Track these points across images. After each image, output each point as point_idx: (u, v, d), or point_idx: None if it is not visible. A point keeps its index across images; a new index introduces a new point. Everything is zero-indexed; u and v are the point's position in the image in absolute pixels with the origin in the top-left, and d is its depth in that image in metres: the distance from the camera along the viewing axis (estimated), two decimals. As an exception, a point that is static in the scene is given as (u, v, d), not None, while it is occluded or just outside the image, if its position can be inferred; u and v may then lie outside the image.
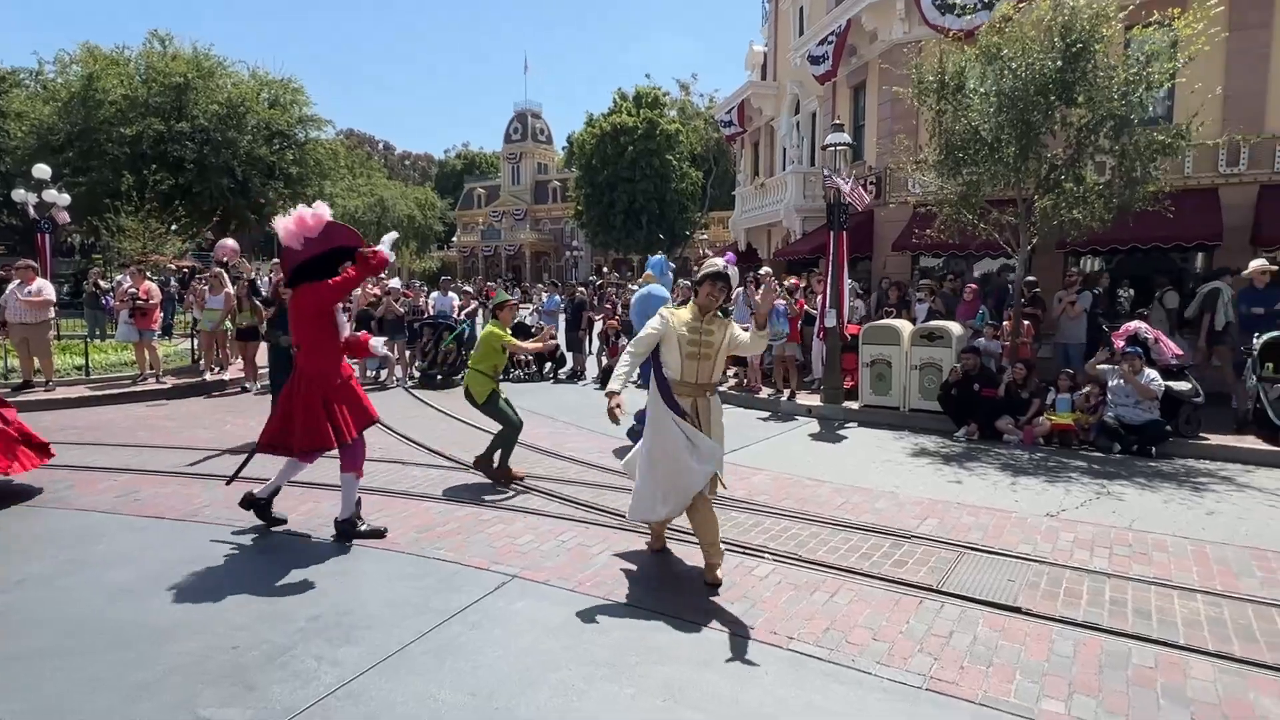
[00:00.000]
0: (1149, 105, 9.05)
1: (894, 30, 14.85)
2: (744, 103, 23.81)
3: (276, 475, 5.31)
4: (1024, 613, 4.00)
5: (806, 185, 18.34)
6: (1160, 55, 8.73)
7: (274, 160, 33.19)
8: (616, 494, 6.17)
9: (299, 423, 4.90)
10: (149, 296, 11.67)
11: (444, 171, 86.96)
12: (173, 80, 30.65)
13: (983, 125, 9.19)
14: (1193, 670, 3.44)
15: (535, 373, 14.06)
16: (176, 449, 7.82)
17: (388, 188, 63.32)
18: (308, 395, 4.91)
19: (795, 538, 5.17)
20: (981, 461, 7.74)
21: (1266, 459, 7.70)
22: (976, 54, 9.38)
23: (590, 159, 42.59)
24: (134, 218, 21.98)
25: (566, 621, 3.90)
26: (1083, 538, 5.28)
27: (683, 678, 3.36)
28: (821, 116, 18.79)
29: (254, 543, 5.05)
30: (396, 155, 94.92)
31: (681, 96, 49.39)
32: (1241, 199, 12.00)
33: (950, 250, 13.09)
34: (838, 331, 10.40)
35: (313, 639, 3.68)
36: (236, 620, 3.89)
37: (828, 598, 4.19)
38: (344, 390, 5.05)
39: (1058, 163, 9.19)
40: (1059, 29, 8.75)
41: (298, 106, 34.77)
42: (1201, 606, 4.13)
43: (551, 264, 62.08)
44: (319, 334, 4.99)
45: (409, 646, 3.60)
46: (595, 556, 4.77)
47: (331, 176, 37.72)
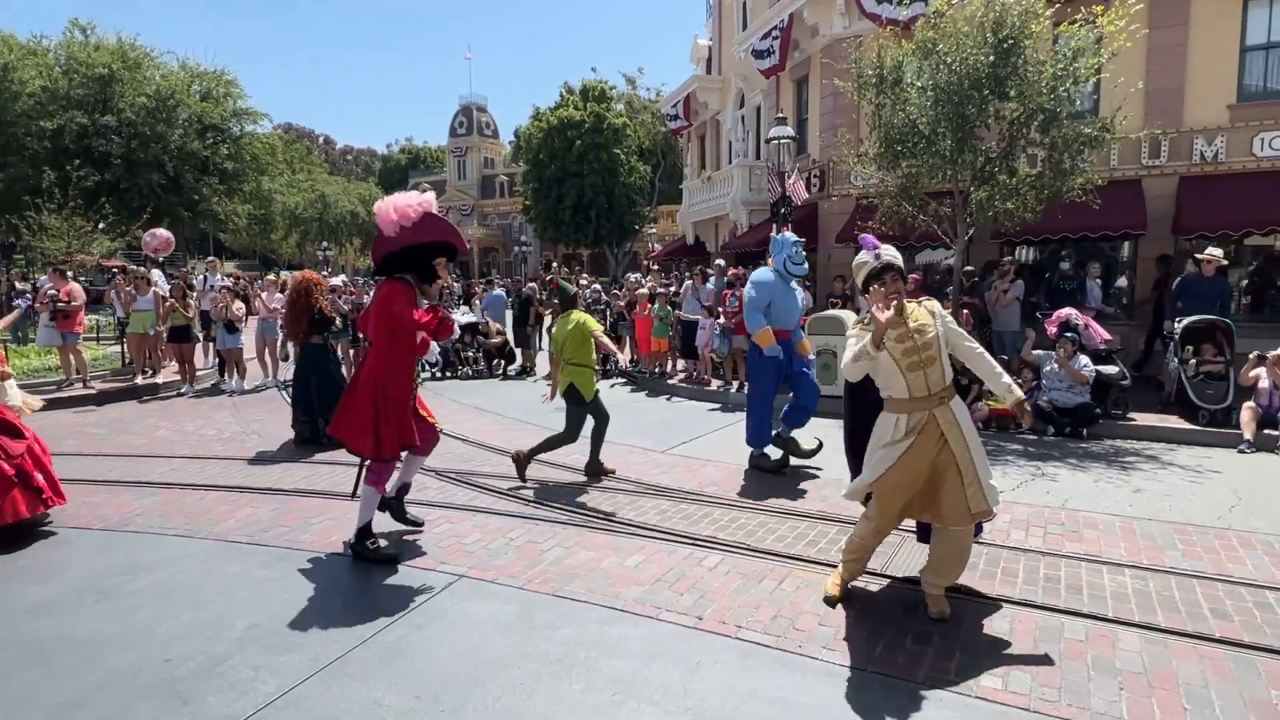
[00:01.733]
0: (1076, 100, 9.39)
1: (835, 25, 15.08)
2: (690, 96, 23.91)
3: (401, 471, 5.07)
4: (964, 593, 4.11)
5: (752, 178, 18.53)
6: (1085, 51, 9.04)
7: (208, 155, 32.11)
8: (568, 490, 6.15)
9: (343, 413, 4.61)
10: (71, 298, 11.15)
11: (388, 166, 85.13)
12: (96, 71, 29.34)
13: (920, 118, 9.39)
14: (1121, 642, 3.59)
15: (484, 370, 13.89)
16: (105, 456, 7.50)
17: (329, 183, 61.74)
18: (362, 392, 4.59)
19: (744, 527, 5.22)
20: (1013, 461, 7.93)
21: (1187, 437, 8.08)
22: (913, 48, 9.58)
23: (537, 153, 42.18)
24: (57, 215, 20.96)
25: (515, 620, 3.86)
26: (1019, 518, 5.46)
27: (633, 671, 3.37)
28: (766, 110, 18.98)
29: (187, 551, 4.86)
30: (338, 150, 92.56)
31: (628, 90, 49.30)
32: (1163, 190, 12.56)
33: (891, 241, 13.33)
34: (784, 323, 10.52)
35: (251, 648, 3.57)
36: (170, 631, 3.75)
37: (775, 585, 4.24)
38: (397, 404, 4.63)
39: (992, 155, 9.45)
40: (991, 25, 8.99)
41: (232, 99, 33.70)
42: (1129, 580, 4.30)
43: (500, 259, 61.35)
44: (391, 343, 4.60)
45: (353, 651, 3.52)
46: (545, 553, 4.74)
47: (269, 172, 36.73)
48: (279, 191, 41.52)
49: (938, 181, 9.86)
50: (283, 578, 4.41)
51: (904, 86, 9.56)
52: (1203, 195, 12.12)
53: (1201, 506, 5.75)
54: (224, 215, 34.88)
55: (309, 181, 58.66)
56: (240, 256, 64.33)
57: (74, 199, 21.50)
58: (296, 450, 7.73)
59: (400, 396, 4.65)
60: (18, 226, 22.19)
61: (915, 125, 9.47)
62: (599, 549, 4.82)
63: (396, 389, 4.63)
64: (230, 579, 4.41)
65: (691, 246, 23.94)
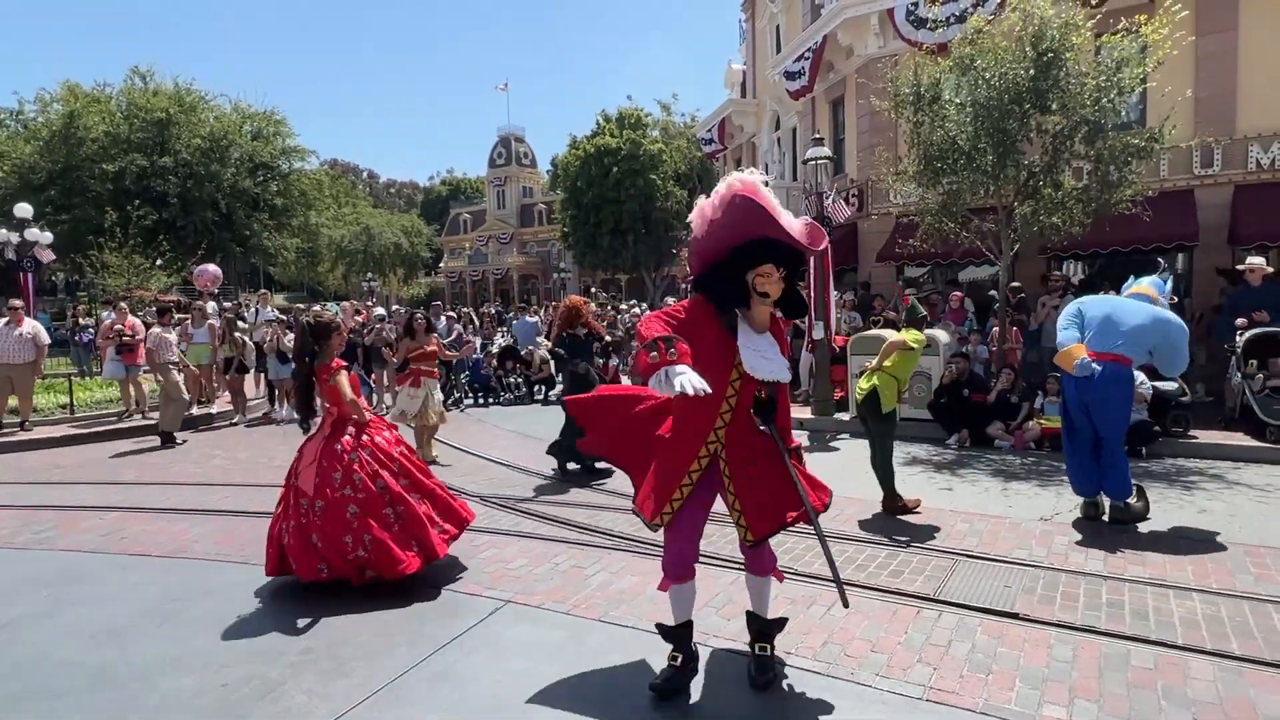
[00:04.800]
0: (1121, 110, 9.21)
1: (869, 45, 15.07)
2: (724, 121, 24.06)
3: None
4: (1021, 618, 3.98)
5: (789, 200, 18.48)
6: (1130, 61, 8.89)
7: (258, 192, 33.27)
8: (612, 515, 6.14)
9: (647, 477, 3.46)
10: (134, 332, 11.60)
11: (429, 198, 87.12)
12: (154, 116, 30.72)
13: (960, 135, 9.31)
14: (1192, 670, 3.43)
15: (525, 394, 14.01)
16: (163, 484, 7.73)
17: (373, 216, 63.43)
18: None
19: (790, 551, 5.14)
20: (973, 468, 7.75)
21: (1254, 455, 7.75)
22: (951, 65, 9.52)
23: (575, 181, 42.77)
24: (118, 254, 21.90)
25: (562, 646, 3.85)
26: (1076, 541, 5.28)
27: (681, 698, 3.32)
28: (802, 132, 18.99)
29: (243, 577, 4.97)
30: (381, 183, 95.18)
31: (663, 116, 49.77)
32: (1217, 199, 12.19)
33: (934, 259, 13.21)
34: (826, 343, 10.44)
35: (304, 673, 3.61)
36: (226, 656, 3.82)
37: (825, 611, 4.16)
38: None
39: (1035, 169, 9.31)
40: (1030, 38, 8.91)
41: (281, 138, 34.94)
42: (1198, 605, 4.12)
43: (539, 286, 62.08)
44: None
45: (402, 677, 3.55)
46: (590, 578, 4.73)
47: (316, 206, 37.84)
48: (325, 225, 42.74)
49: (979, 198, 9.74)
50: (334, 603, 4.47)
51: (942, 103, 9.50)
52: (1260, 203, 11.73)
53: (1274, 527, 5.49)
54: (273, 249, 36.01)
55: (354, 215, 60.34)
56: (288, 289, 66.29)
57: (134, 237, 22.47)
58: (563, 479, 7.43)
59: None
60: (82, 265, 23.22)
61: (955, 141, 9.39)
62: (645, 574, 4.79)
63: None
64: (284, 605, 4.48)
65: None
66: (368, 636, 4.01)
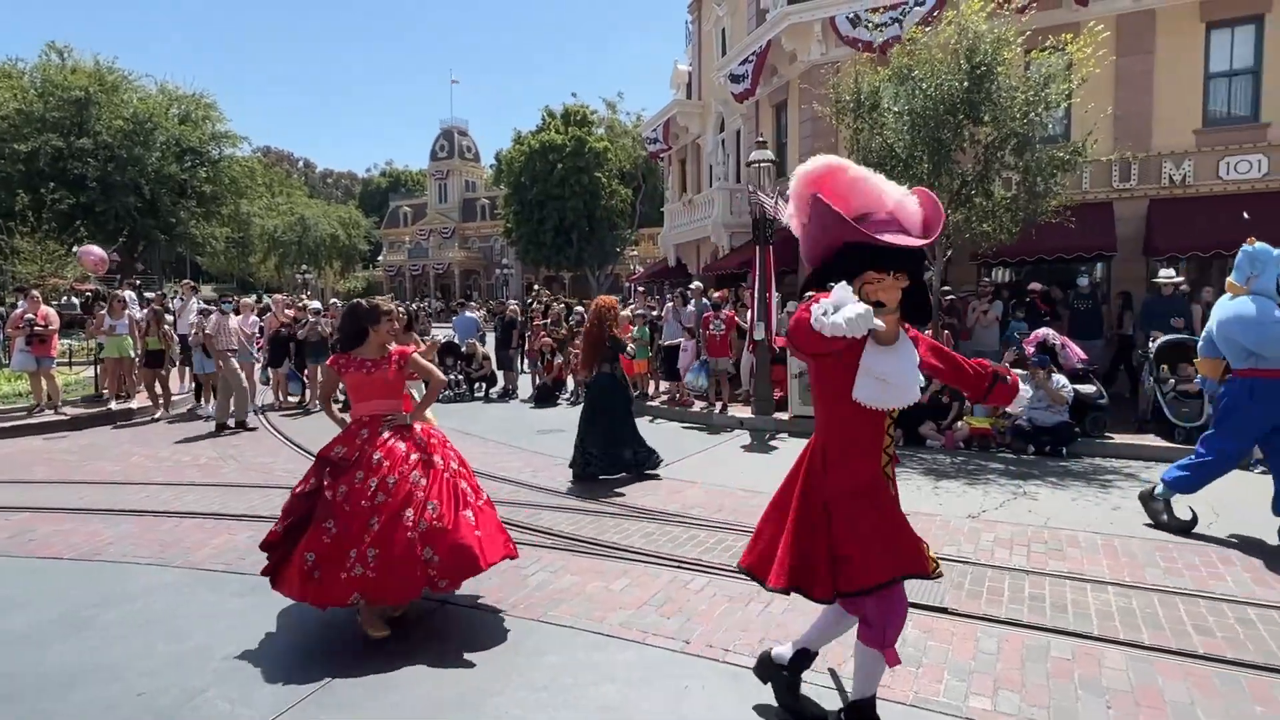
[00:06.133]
0: (1048, 124, 9.62)
1: (812, 51, 15.34)
2: (670, 121, 24.16)
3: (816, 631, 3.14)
4: (950, 613, 4.11)
5: (733, 201, 18.71)
6: (1056, 77, 9.28)
7: (185, 178, 31.89)
8: (553, 514, 6.10)
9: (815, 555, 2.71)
10: (47, 322, 10.96)
11: (368, 190, 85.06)
12: (72, 94, 29.14)
13: (897, 143, 9.56)
14: (1107, 660, 3.60)
15: (465, 392, 13.80)
16: (77, 483, 7.33)
17: (309, 206, 61.56)
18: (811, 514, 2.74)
19: (730, 549, 5.19)
20: (906, 466, 7.97)
21: (1164, 455, 8.17)
22: (889, 74, 9.77)
23: (519, 176, 42.43)
24: (30, 239, 20.66)
25: (503, 646, 3.80)
26: (1002, 537, 5.48)
27: (620, 697, 3.32)
28: (746, 134, 19.22)
29: (163, 581, 4.75)
30: (318, 173, 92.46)
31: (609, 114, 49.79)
32: (1133, 212, 12.83)
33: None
34: (767, 344, 10.59)
35: (228, 679, 3.47)
36: (144, 664, 3.65)
37: (762, 608, 4.21)
38: (866, 512, 2.70)
39: (968, 178, 9.62)
40: (964, 52, 9.20)
41: (210, 122, 33.57)
42: (1112, 598, 4.33)
43: (481, 282, 61.29)
44: (836, 406, 2.69)
45: (333, 682, 3.44)
46: (530, 578, 4.68)
47: (248, 195, 36.47)
48: (257, 215, 41.23)
49: (915, 204, 10.01)
50: (260, 607, 4.30)
51: (881, 111, 9.73)
52: (1172, 217, 12.40)
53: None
54: (201, 238, 34.58)
55: (288, 205, 58.42)
56: (218, 280, 63.78)
57: (47, 222, 21.23)
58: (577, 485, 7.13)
59: (874, 499, 2.75)
60: (-11, 250, 21.83)
61: (893, 149, 9.63)
62: (584, 573, 4.77)
63: (859, 490, 2.72)
64: (207, 609, 4.30)
65: (673, 268, 24.06)
66: (296, 640, 3.89)
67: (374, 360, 4.13)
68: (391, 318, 4.28)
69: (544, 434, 10.03)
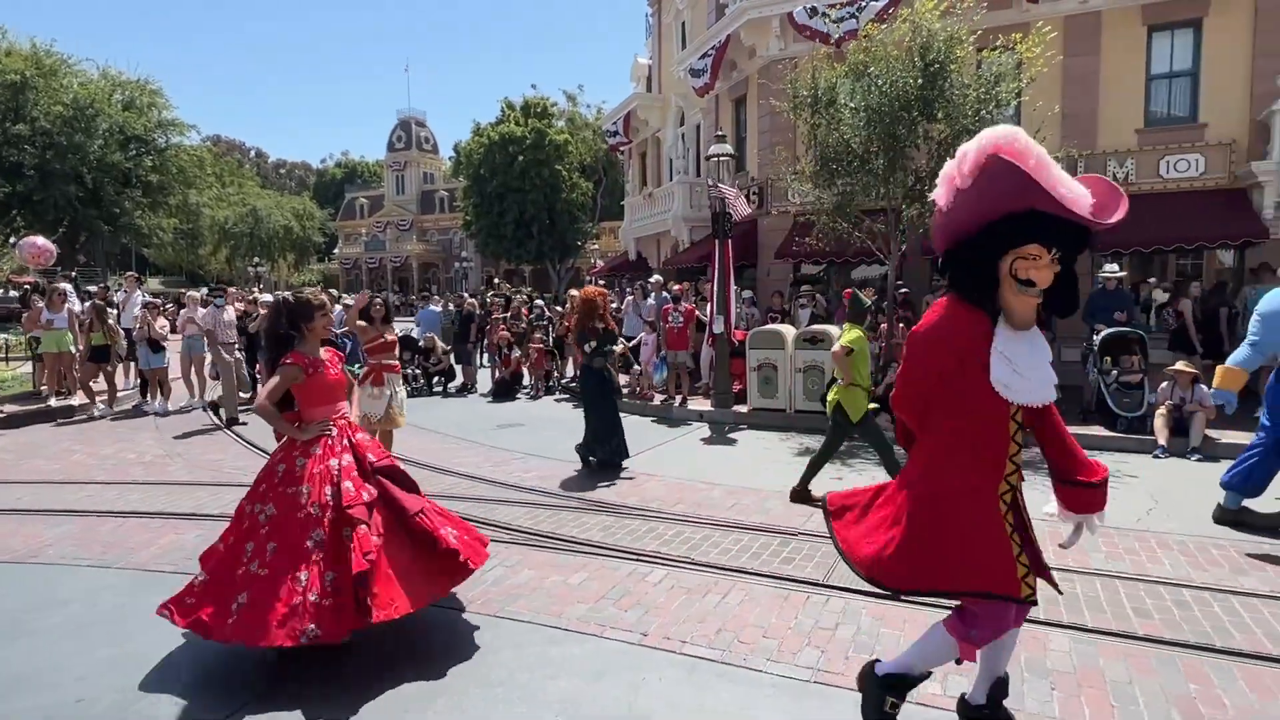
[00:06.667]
0: (999, 122, 9.80)
1: (771, 47, 15.44)
2: (630, 114, 24.10)
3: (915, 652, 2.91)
4: (903, 600, 4.18)
5: (693, 195, 18.75)
6: (1006, 76, 9.48)
7: (130, 167, 30.78)
8: (510, 508, 6.05)
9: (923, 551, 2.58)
10: (-21, 316, 10.50)
11: (323, 181, 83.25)
12: (7, 78, 27.86)
13: (854, 138, 9.67)
14: (1051, 642, 3.71)
15: (423, 387, 13.61)
16: (14, 484, 7.04)
17: (261, 197, 60.00)
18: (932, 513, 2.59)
19: (688, 541, 5.22)
20: (862, 458, 8.10)
21: (1106, 444, 8.46)
22: (846, 70, 9.88)
23: (479, 169, 41.90)
24: (-39, 229, 19.78)
25: (457, 643, 3.76)
26: (954, 525, 5.60)
27: (576, 691, 3.31)
28: (705, 128, 19.27)
29: (104, 583, 4.59)
30: (270, 163, 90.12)
31: (569, 107, 49.47)
32: (1080, 209, 13.19)
33: (828, 258, 13.70)
34: (726, 337, 10.65)
35: (170, 684, 3.38)
36: (85, 669, 3.53)
37: (720, 599, 4.24)
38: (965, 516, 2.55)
39: (922, 174, 9.78)
40: (918, 49, 9.35)
41: (157, 110, 32.39)
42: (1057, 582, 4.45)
43: (440, 275, 60.48)
44: (947, 419, 2.58)
45: (280, 685, 3.37)
46: (486, 573, 4.63)
47: (197, 185, 35.31)
48: (207, 205, 40.00)
49: (871, 199, 10.16)
50: (208, 607, 4.20)
51: (838, 107, 9.83)
52: (1116, 214, 12.78)
53: (1121, 510, 6.00)
54: (148, 230, 33.42)
55: (239, 195, 56.86)
56: (166, 272, 61.85)
57: (-19, 211, 20.34)
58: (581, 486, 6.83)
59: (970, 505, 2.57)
60: (-82, 240, 20.86)
61: (849, 145, 9.74)
62: (541, 567, 4.75)
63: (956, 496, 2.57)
64: (150, 611, 4.16)
65: (634, 262, 24.06)
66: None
67: (316, 360, 3.83)
68: (326, 312, 3.91)
69: (503, 429, 9.95)
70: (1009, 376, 2.43)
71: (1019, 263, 2.40)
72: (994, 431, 2.53)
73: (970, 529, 2.53)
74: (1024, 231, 2.36)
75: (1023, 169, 2.29)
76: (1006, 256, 2.41)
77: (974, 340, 2.47)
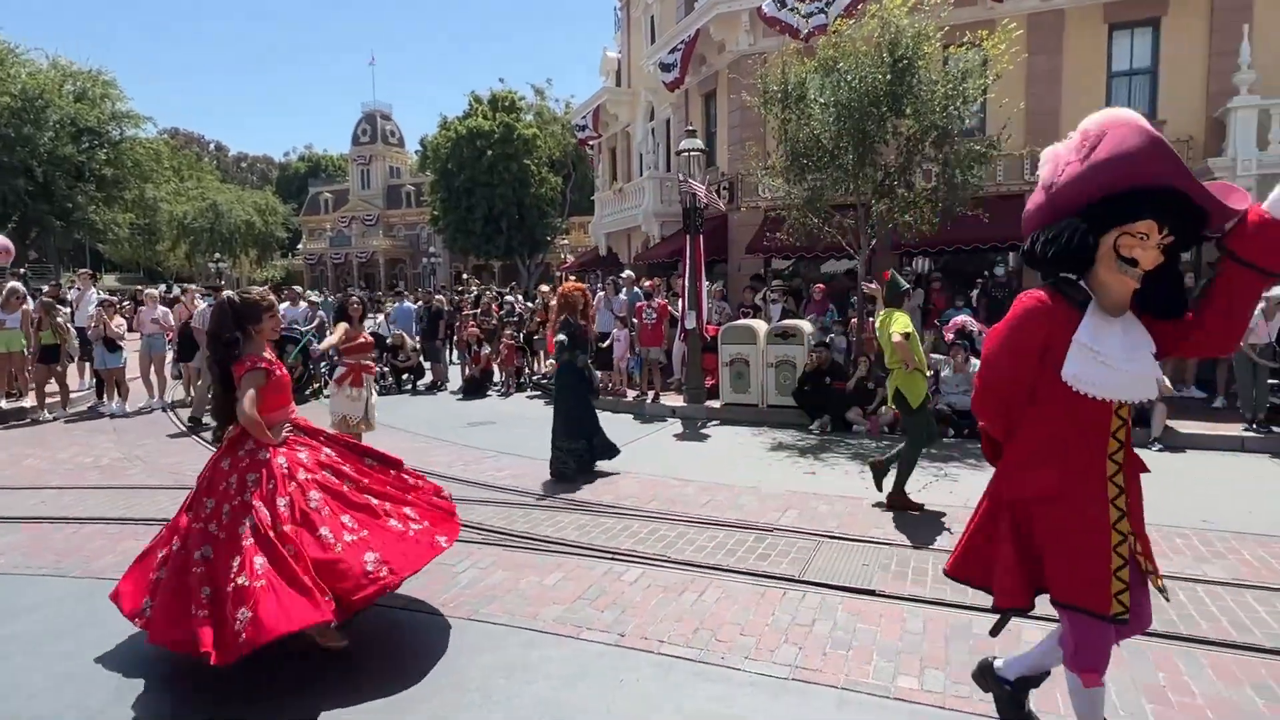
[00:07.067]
0: (966, 118, 9.93)
1: (740, 41, 15.45)
2: (600, 108, 23.98)
3: (1036, 653, 2.86)
4: (878, 595, 4.21)
5: (663, 190, 18.71)
6: (973, 73, 9.59)
7: (83, 160, 29.88)
8: (483, 508, 5.97)
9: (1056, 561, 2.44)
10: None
11: (285, 175, 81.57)
12: (-49, 68, 26.86)
13: (824, 134, 9.72)
14: (1024, 634, 3.74)
15: (392, 384, 13.41)
16: (-39, 490, 6.77)
17: (222, 191, 58.61)
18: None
19: (663, 539, 5.19)
20: (834, 452, 8.15)
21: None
22: (816, 65, 9.91)
23: (446, 163, 41.36)
24: (-97, 224, 19.00)
25: (431, 647, 3.69)
26: (924, 519, 5.65)
27: (554, 694, 3.26)
28: (675, 123, 19.25)
29: (61, 593, 4.43)
30: (230, 157, 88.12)
31: (537, 101, 49.08)
32: (1043, 204, 13.44)
33: (799, 253, 13.76)
34: (698, 333, 10.64)
35: (128, 697, 3.26)
36: (40, 684, 3.39)
37: (696, 597, 4.22)
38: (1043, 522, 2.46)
39: (891, 170, 9.87)
40: (887, 45, 9.41)
41: (110, 101, 31.48)
42: (1028, 574, 4.51)
43: (407, 271, 59.70)
44: (1033, 405, 2.46)
45: (246, 695, 3.27)
46: (460, 575, 4.56)
47: (154, 179, 34.41)
48: (165, 200, 38.97)
49: (841, 195, 10.22)
50: (170, 616, 4.06)
51: (808, 102, 9.87)
52: (1078, 209, 13.04)
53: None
54: (102, 225, 32.47)
55: (199, 190, 55.47)
56: (122, 269, 60.16)
57: (-75, 206, 19.55)
58: (555, 485, 6.70)
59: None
60: None
61: (819, 140, 9.78)
62: (516, 568, 4.69)
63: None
64: (109, 622, 4.02)
65: (604, 257, 23.97)
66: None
67: (270, 361, 3.69)
68: (274, 313, 3.77)
69: (474, 426, 9.84)
70: (1090, 370, 2.28)
71: (1124, 239, 2.25)
72: (1087, 431, 2.39)
73: (1060, 537, 2.42)
74: (1136, 208, 2.22)
75: (1165, 141, 2.22)
76: (1111, 233, 2.26)
77: (1059, 331, 2.32)
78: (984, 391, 2.56)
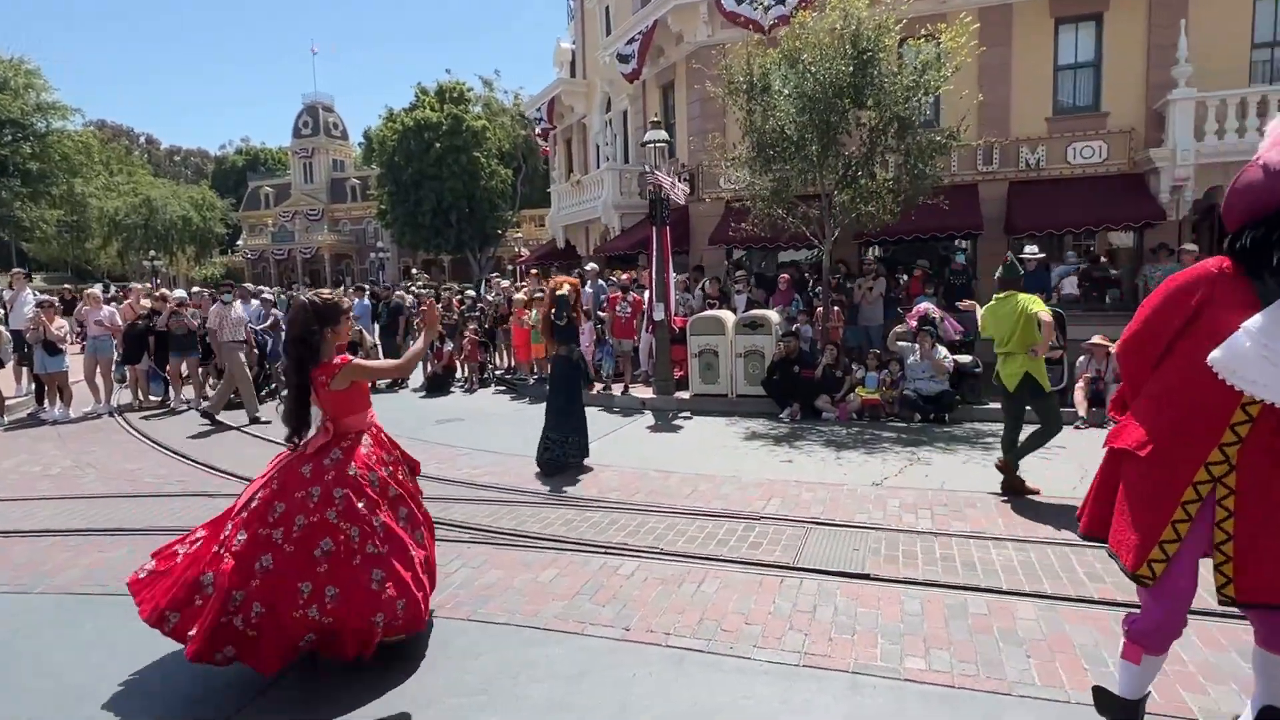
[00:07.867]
0: (926, 109, 10.10)
1: (699, 32, 15.44)
2: (554, 100, 23.72)
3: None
4: (873, 578, 4.27)
5: (623, 182, 18.62)
6: (931, 65, 9.76)
7: (6, 154, 28.31)
8: (465, 506, 5.86)
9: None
10: None
11: (222, 169, 78.64)
12: None
13: (789, 125, 9.77)
14: (1019, 612, 3.84)
15: (352, 383, 13.06)
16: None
17: (155, 186, 56.18)
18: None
19: (653, 531, 5.17)
20: (807, 439, 8.25)
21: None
22: (780, 56, 9.96)
23: (393, 156, 40.38)
24: None
25: (431, 651, 3.60)
26: (906, 502, 5.76)
27: (563, 693, 3.21)
28: (633, 114, 19.17)
29: (24, 609, 4.18)
30: (163, 150, 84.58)
31: (486, 92, 48.29)
32: (995, 194, 13.81)
33: (762, 243, 13.86)
34: (666, 324, 10.63)
35: (84, 706, 3.10)
36: (14, 711, 3.19)
37: (695, 588, 4.21)
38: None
39: (854, 160, 9.99)
40: (849, 37, 9.51)
41: (34, 91, 29.88)
42: (1013, 553, 4.63)
43: (355, 266, 58.24)
44: (1160, 373, 2.51)
45: (240, 711, 3.14)
46: (452, 575, 4.46)
47: (83, 173, 32.84)
48: (95, 195, 37.23)
49: (805, 185, 10.31)
50: (150, 632, 3.86)
51: (773, 93, 9.91)
52: (1028, 198, 13.44)
53: (1057, 481, 6.29)
54: (29, 222, 30.87)
55: (130, 184, 53.13)
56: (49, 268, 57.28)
57: None
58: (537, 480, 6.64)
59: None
60: None
61: (784, 131, 9.84)
62: (508, 566, 4.61)
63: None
64: (81, 638, 3.82)
65: (562, 250, 23.77)
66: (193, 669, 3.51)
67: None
68: (349, 314, 3.75)
69: (443, 424, 9.66)
70: (1247, 364, 2.16)
71: None
72: (1197, 413, 2.34)
73: (1128, 491, 2.51)
74: None
75: None
76: None
77: (1222, 300, 2.26)
78: (1141, 328, 2.52)
